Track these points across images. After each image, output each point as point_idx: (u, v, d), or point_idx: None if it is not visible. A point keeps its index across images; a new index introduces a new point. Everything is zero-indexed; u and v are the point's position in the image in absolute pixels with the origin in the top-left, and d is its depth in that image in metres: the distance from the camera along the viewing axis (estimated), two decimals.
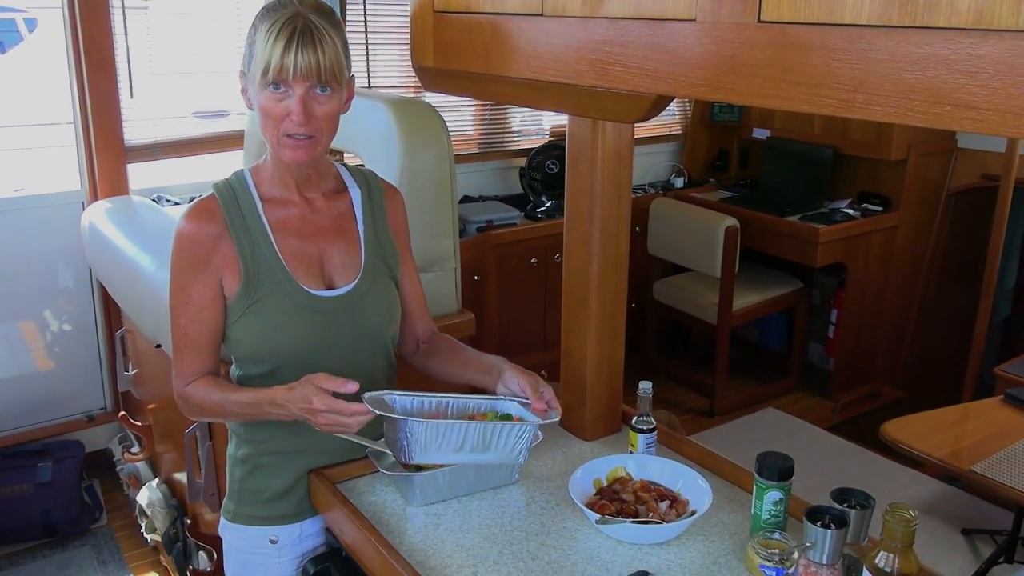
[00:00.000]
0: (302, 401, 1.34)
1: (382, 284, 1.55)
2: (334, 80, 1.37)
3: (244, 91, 1.43)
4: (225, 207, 1.45)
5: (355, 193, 1.56)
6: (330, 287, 1.50)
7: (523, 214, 3.84)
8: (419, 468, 1.52)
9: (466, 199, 3.92)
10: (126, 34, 3.05)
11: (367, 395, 1.39)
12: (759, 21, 1.01)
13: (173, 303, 1.46)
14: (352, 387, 1.33)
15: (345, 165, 1.61)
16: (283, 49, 1.31)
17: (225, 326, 1.48)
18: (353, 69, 1.45)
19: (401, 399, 1.44)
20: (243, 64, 1.41)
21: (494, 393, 1.52)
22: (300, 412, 1.36)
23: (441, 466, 1.50)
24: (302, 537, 1.60)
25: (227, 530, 1.62)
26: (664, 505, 1.46)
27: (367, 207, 1.56)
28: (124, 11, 3.03)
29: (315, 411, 1.34)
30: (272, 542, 1.58)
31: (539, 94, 1.45)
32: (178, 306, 1.45)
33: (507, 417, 1.47)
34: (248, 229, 1.45)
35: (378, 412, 1.35)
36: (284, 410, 1.38)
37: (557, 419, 1.48)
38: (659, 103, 1.27)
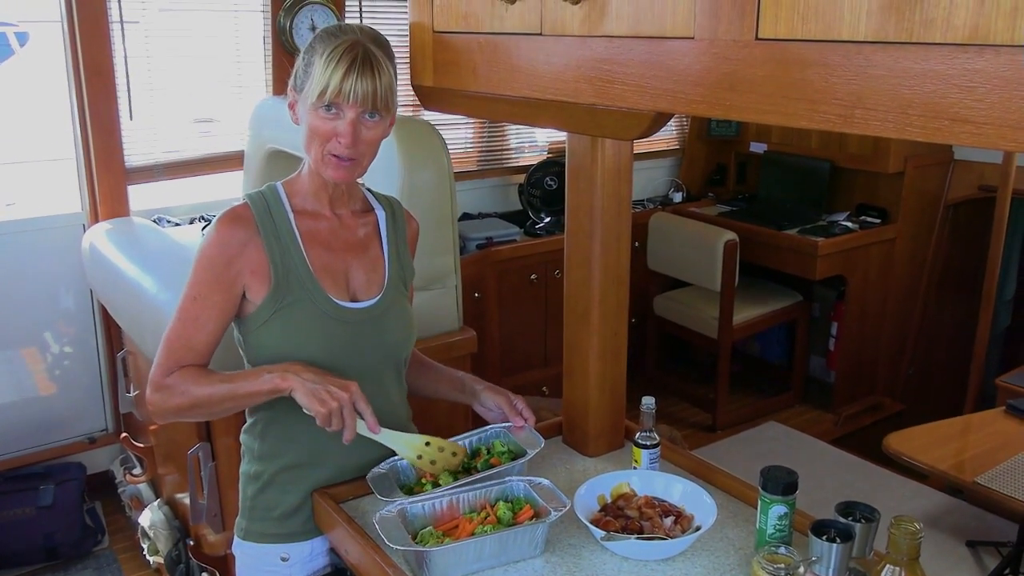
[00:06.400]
0: (337, 379, 1.40)
1: (401, 303, 1.60)
2: (384, 108, 1.44)
3: (292, 106, 1.49)
4: (257, 214, 1.49)
5: (380, 215, 1.62)
6: (354, 300, 1.53)
7: (522, 231, 3.84)
8: (411, 492, 1.50)
9: (465, 216, 3.93)
10: (125, 55, 3.06)
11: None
12: (757, 38, 1.02)
13: (184, 304, 1.45)
14: (376, 429, 1.44)
15: (370, 189, 1.66)
16: (343, 75, 1.38)
17: (246, 333, 1.50)
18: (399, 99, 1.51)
19: (412, 507, 1.44)
20: (294, 82, 1.48)
21: (470, 405, 1.69)
22: (319, 379, 1.39)
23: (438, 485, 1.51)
24: (313, 555, 1.60)
25: (239, 548, 1.63)
26: (669, 521, 1.46)
27: (391, 229, 1.61)
28: (123, 27, 3.03)
29: (347, 386, 1.39)
30: (283, 560, 1.58)
31: (538, 112, 1.46)
32: (187, 305, 1.45)
33: (519, 502, 1.47)
34: (279, 237, 1.48)
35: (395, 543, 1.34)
36: (295, 372, 1.39)
37: (541, 446, 1.57)
38: (658, 120, 1.28)
